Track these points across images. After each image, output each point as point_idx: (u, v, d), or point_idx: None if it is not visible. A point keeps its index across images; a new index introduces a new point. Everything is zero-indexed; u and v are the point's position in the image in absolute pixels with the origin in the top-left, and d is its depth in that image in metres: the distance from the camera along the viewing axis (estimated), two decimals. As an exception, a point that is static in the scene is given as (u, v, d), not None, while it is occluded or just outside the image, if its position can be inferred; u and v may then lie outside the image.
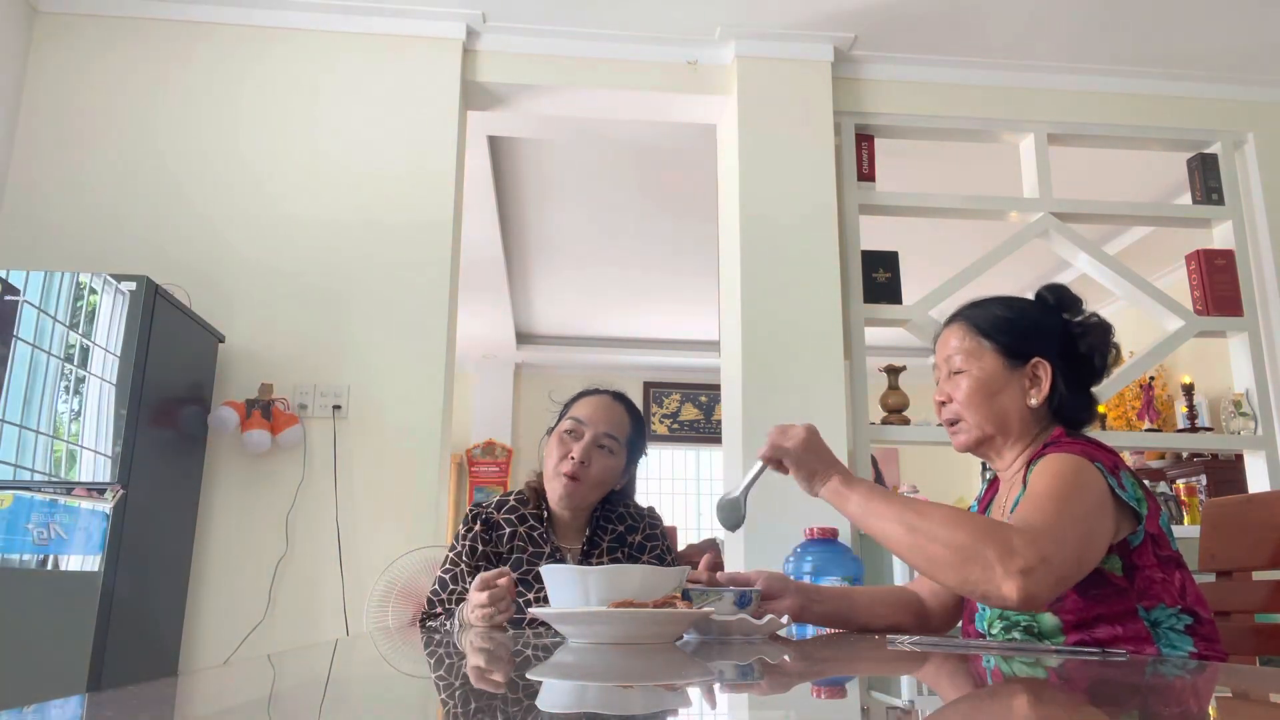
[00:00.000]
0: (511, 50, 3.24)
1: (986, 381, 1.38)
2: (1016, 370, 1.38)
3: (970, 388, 1.38)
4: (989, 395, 1.37)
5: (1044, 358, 1.37)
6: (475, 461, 7.19)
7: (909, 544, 1.16)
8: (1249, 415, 3.30)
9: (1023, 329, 1.40)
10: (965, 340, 1.41)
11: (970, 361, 1.39)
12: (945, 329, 1.47)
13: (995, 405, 1.37)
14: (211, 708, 0.68)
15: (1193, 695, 0.75)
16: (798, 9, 3.13)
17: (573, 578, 1.11)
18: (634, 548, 1.77)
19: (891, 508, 1.20)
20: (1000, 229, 3.50)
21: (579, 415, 1.73)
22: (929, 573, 1.15)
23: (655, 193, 4.57)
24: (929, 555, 1.14)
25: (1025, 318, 1.42)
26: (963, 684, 0.84)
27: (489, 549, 1.68)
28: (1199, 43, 3.30)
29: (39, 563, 2.24)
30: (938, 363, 1.46)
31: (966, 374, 1.39)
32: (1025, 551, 1.08)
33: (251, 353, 2.88)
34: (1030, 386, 1.38)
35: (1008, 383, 1.38)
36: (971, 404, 1.38)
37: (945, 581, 1.14)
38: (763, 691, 0.79)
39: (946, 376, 1.43)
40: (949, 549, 1.12)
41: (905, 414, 3.35)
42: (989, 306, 1.44)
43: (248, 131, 3.04)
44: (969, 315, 1.44)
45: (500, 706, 0.65)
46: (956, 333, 1.43)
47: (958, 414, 1.40)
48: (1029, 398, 1.37)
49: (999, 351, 1.38)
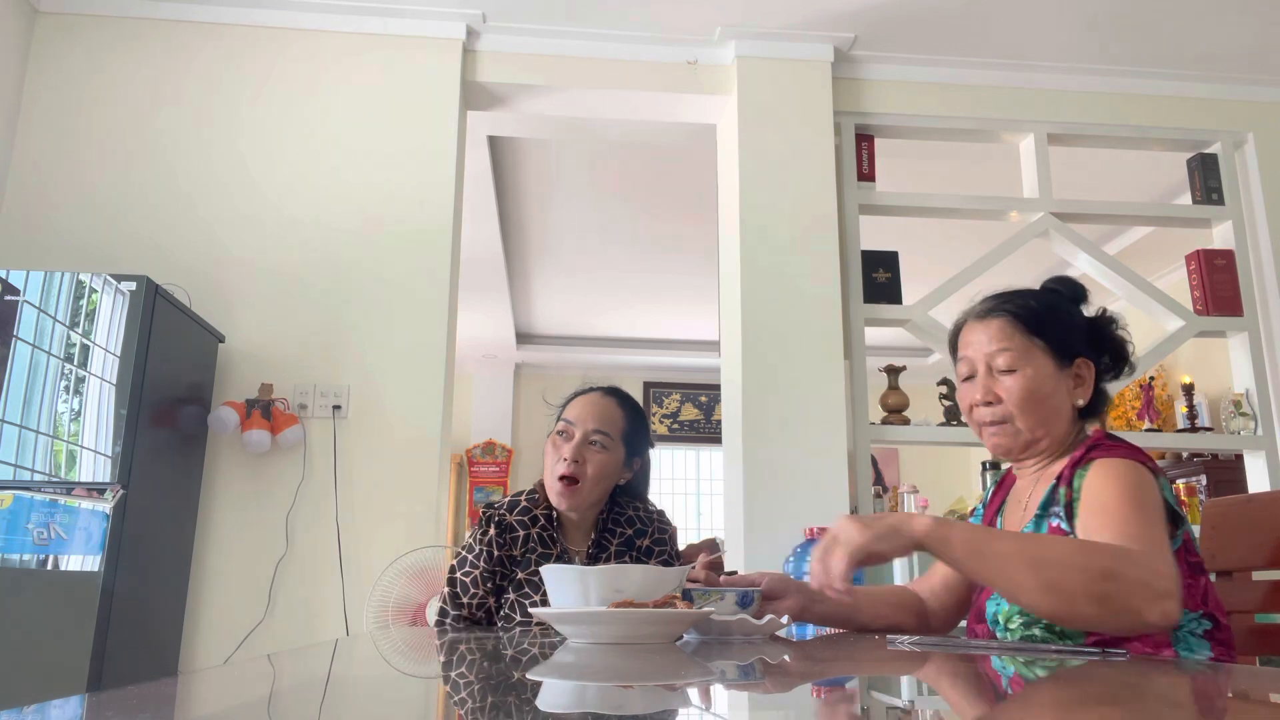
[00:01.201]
0: (511, 50, 3.24)
1: (1041, 382, 1.30)
2: (1064, 370, 1.32)
3: (1026, 390, 1.30)
4: (1043, 398, 1.30)
5: (1085, 356, 1.33)
6: (475, 461, 7.19)
7: (1038, 581, 1.05)
8: (1249, 415, 3.30)
9: (1065, 325, 1.34)
10: (1014, 338, 1.32)
11: (1021, 361, 1.30)
12: (979, 321, 1.36)
13: (1047, 408, 1.30)
14: (211, 708, 0.68)
15: (1189, 695, 0.75)
16: (798, 9, 3.13)
17: (573, 578, 1.11)
18: (641, 551, 1.76)
19: (1006, 543, 1.10)
20: (1000, 229, 3.50)
21: (569, 416, 1.74)
22: (1060, 608, 1.05)
23: (655, 193, 4.57)
24: (1063, 588, 1.04)
25: (1064, 313, 1.36)
26: (963, 684, 0.84)
27: (504, 553, 1.68)
28: (1199, 43, 3.30)
29: (39, 563, 2.24)
30: (968, 358, 1.36)
31: (1019, 374, 1.30)
32: (1162, 573, 1.03)
33: (251, 353, 2.88)
34: (1075, 386, 1.33)
35: (1058, 385, 1.32)
36: (1026, 407, 1.30)
37: (1080, 615, 1.04)
38: (763, 691, 0.79)
39: (987, 374, 1.33)
40: (1087, 577, 1.03)
41: (905, 414, 3.35)
42: (1026, 300, 1.35)
43: (248, 131, 3.04)
44: (1012, 310, 1.34)
45: (500, 706, 0.65)
46: (1001, 329, 1.33)
47: (1007, 415, 1.31)
48: (1075, 398, 1.32)
49: (1050, 351, 1.31)
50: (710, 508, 7.78)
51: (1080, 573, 1.04)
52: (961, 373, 1.38)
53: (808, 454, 2.95)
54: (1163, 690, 0.77)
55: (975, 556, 1.10)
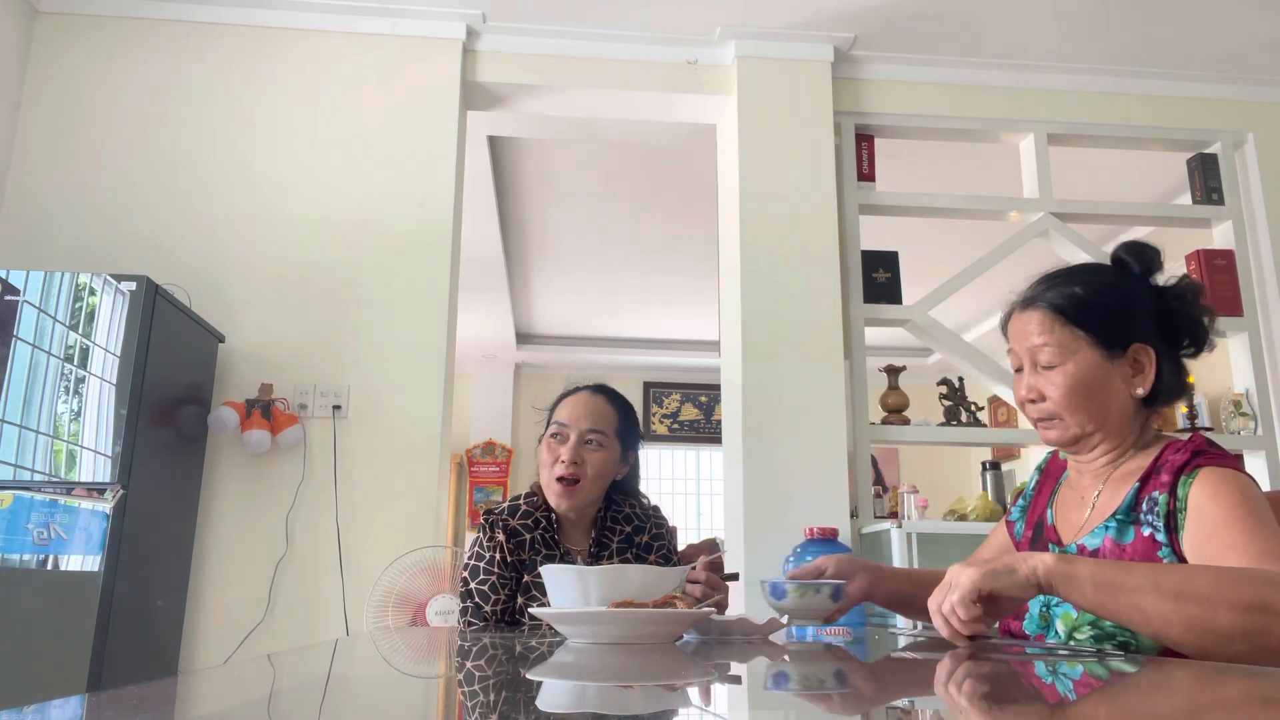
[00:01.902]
0: (511, 50, 3.24)
1: (1086, 377, 1.21)
2: (1116, 360, 1.22)
3: (1068, 387, 1.22)
4: (1090, 393, 1.21)
5: (1144, 341, 1.22)
6: (475, 461, 7.19)
7: (1183, 618, 0.97)
8: (1249, 415, 3.30)
9: (1116, 310, 1.23)
10: (1054, 331, 1.23)
11: (1063, 356, 1.22)
12: (1020, 314, 1.28)
13: (1097, 402, 1.22)
14: (211, 708, 0.68)
15: (1186, 695, 0.75)
16: (798, 9, 3.13)
17: (573, 578, 1.11)
18: (641, 548, 1.77)
19: (1138, 577, 1.01)
20: (1000, 229, 3.50)
21: (561, 418, 1.74)
22: (1209, 646, 0.97)
23: (655, 193, 4.57)
24: (1211, 627, 0.96)
25: (1115, 296, 1.25)
26: (964, 684, 0.84)
27: (514, 559, 1.69)
28: (1199, 43, 3.30)
29: (39, 563, 2.24)
30: (1015, 350, 1.28)
31: (1060, 370, 1.22)
32: None
33: (251, 353, 2.88)
34: (1133, 375, 1.23)
35: (1108, 376, 1.22)
36: (1072, 404, 1.22)
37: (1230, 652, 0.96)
38: (762, 691, 0.79)
39: (1032, 370, 1.26)
40: (1236, 613, 0.95)
41: (905, 414, 3.35)
42: (1070, 285, 1.25)
43: (248, 131, 3.04)
44: (1051, 300, 1.25)
45: (500, 706, 0.65)
46: (1040, 322, 1.24)
47: (1054, 411, 1.24)
48: (1133, 388, 1.22)
49: (1095, 343, 1.22)
50: (710, 508, 7.78)
51: (1228, 609, 0.96)
52: (1012, 364, 1.31)
53: (808, 454, 2.95)
54: (1156, 689, 0.77)
55: (1107, 592, 1.01)
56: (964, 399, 3.41)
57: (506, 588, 1.67)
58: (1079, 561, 1.04)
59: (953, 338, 3.32)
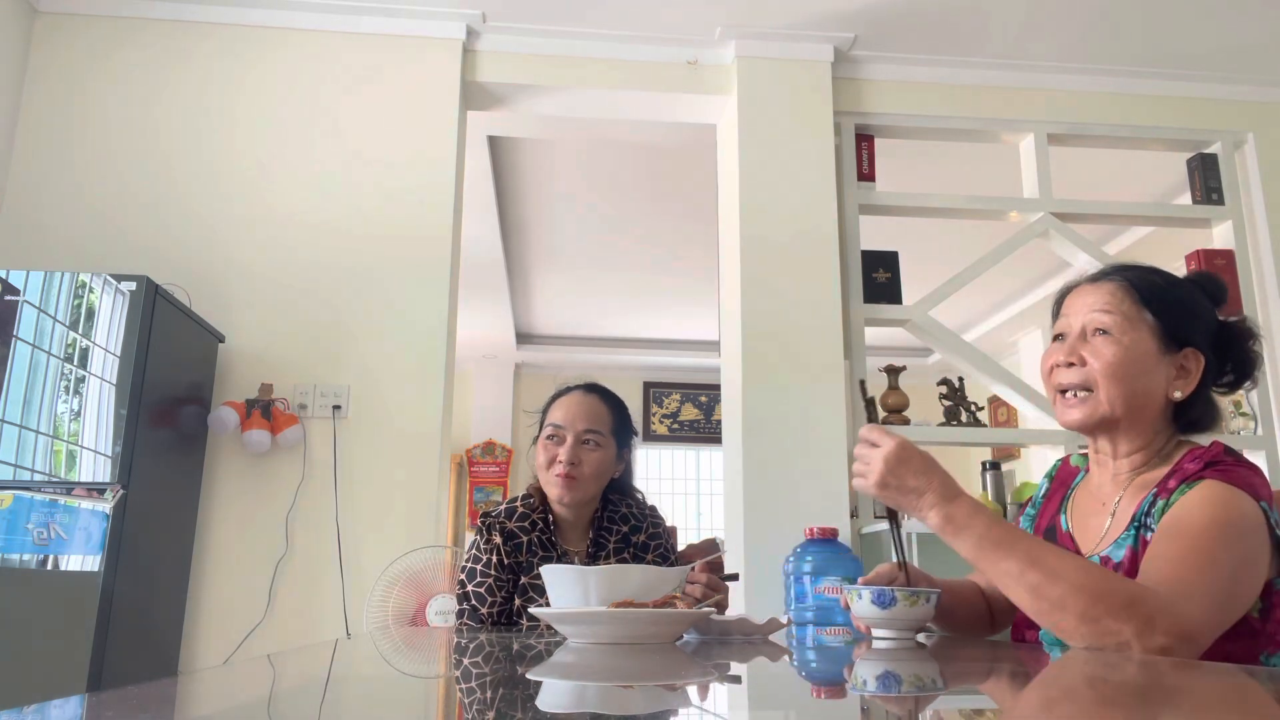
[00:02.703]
0: (511, 50, 3.24)
1: (1137, 357, 1.20)
2: (1168, 355, 1.21)
3: (1119, 357, 1.19)
4: (1133, 375, 1.20)
5: (1198, 349, 1.22)
6: (475, 461, 7.19)
7: (1033, 608, 1.05)
8: (1249, 415, 3.30)
9: (1186, 310, 1.23)
10: (1124, 303, 1.22)
11: (1124, 328, 1.20)
12: (1088, 286, 1.27)
13: (1137, 386, 1.20)
14: (211, 708, 0.68)
15: (1181, 695, 0.75)
16: (798, 9, 3.13)
17: (573, 578, 1.11)
18: (638, 547, 1.77)
19: (1012, 561, 1.06)
20: (1000, 229, 3.50)
21: (556, 420, 1.73)
22: (1058, 635, 1.04)
23: (655, 193, 4.57)
24: (1055, 624, 1.03)
25: (1190, 298, 1.25)
26: (963, 683, 0.84)
27: (511, 560, 1.69)
28: (1199, 43, 3.30)
29: (39, 563, 2.24)
30: (1067, 314, 1.27)
31: (1115, 340, 1.20)
32: (1168, 629, 0.97)
33: (251, 353, 2.88)
34: (1177, 377, 1.21)
35: (1156, 366, 1.21)
36: (1115, 375, 1.19)
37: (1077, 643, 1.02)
38: (762, 691, 0.79)
39: (1079, 336, 1.24)
40: (1080, 620, 1.00)
41: (905, 414, 3.35)
42: (1149, 273, 1.26)
43: (248, 131, 3.04)
44: (1130, 276, 1.25)
45: (501, 706, 0.65)
46: (1113, 291, 1.23)
47: (1091, 380, 1.21)
48: (1173, 389, 1.21)
49: (1157, 330, 1.21)
50: (710, 508, 7.77)
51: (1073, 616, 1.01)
52: (1054, 332, 1.29)
53: (808, 454, 2.95)
54: (1151, 689, 0.77)
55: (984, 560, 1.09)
56: (964, 399, 3.41)
57: (503, 590, 1.67)
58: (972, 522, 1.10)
59: (953, 338, 3.32)
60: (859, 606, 1.16)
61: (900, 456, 1.14)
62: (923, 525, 1.22)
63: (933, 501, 1.12)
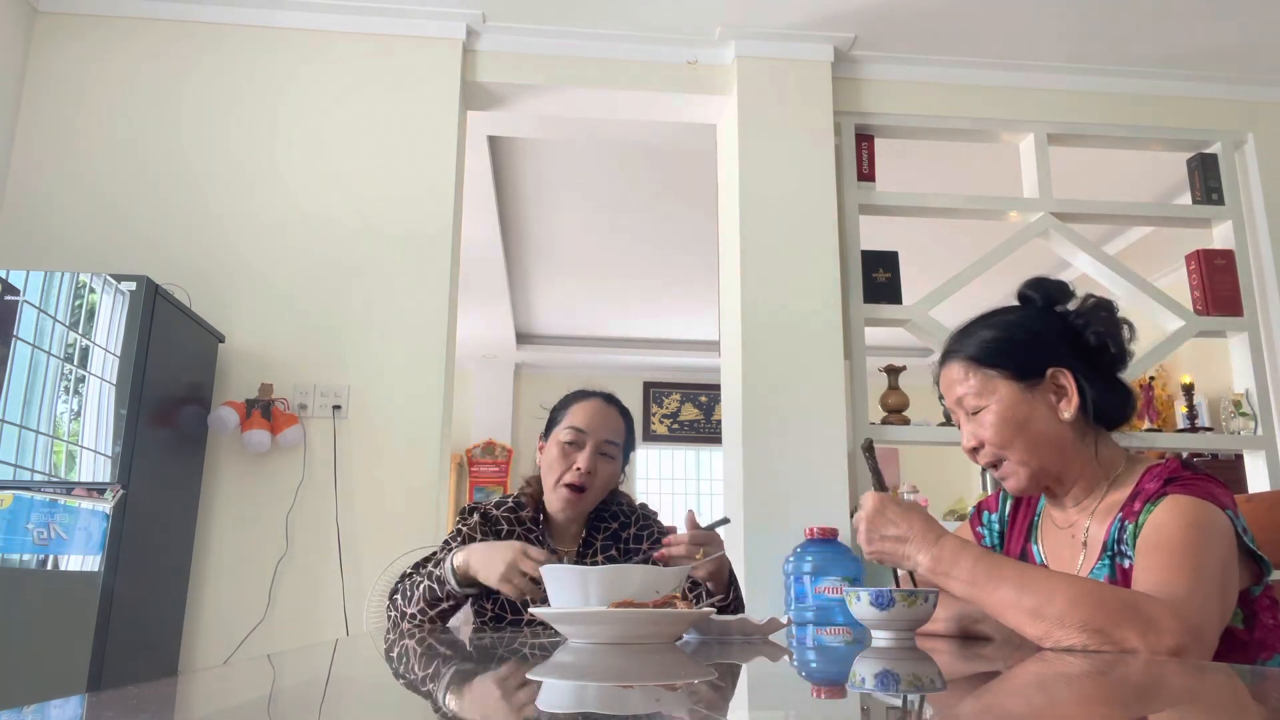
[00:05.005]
0: (511, 50, 3.24)
1: (1010, 412, 1.25)
2: (1036, 388, 1.26)
3: (997, 422, 1.26)
4: (1018, 426, 1.25)
5: (1058, 365, 1.26)
6: (475, 461, 7.19)
7: (1037, 631, 1.05)
8: (1249, 415, 3.30)
9: (1023, 343, 1.28)
10: (970, 378, 1.29)
11: (984, 397, 1.27)
12: (942, 370, 1.35)
13: (1030, 433, 1.25)
14: (211, 708, 0.68)
15: (1182, 695, 0.75)
16: (798, 9, 3.13)
17: (573, 578, 1.11)
18: (628, 542, 1.77)
19: (1006, 589, 1.08)
20: (1000, 229, 3.50)
21: (578, 424, 1.72)
22: (1067, 650, 1.04)
23: (655, 193, 4.57)
24: (1060, 641, 1.03)
25: (1020, 329, 1.30)
26: (964, 683, 0.84)
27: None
28: (1199, 43, 3.30)
29: (39, 563, 2.24)
30: (949, 407, 1.34)
31: (987, 411, 1.27)
32: (1174, 628, 0.98)
33: (251, 353, 2.88)
34: (1057, 400, 1.26)
35: (1032, 405, 1.25)
36: (1005, 439, 1.25)
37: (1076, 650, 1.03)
38: (762, 691, 0.79)
39: (966, 419, 1.31)
40: (1083, 632, 1.01)
41: (905, 414, 3.35)
42: (976, 333, 1.32)
43: (247, 130, 3.04)
44: (961, 350, 1.32)
45: (501, 707, 0.65)
46: (956, 373, 1.31)
47: (996, 454, 1.27)
48: (1061, 413, 1.25)
49: (1011, 376, 1.27)
50: (710, 508, 7.78)
51: (1076, 630, 1.02)
52: (954, 422, 1.37)
53: (808, 454, 2.95)
54: (1146, 690, 0.77)
55: (977, 594, 1.12)
56: (964, 399, 3.41)
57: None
58: (959, 558, 1.13)
59: (953, 338, 3.32)
60: (858, 608, 1.16)
61: (876, 509, 1.21)
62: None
63: (918, 546, 1.17)
